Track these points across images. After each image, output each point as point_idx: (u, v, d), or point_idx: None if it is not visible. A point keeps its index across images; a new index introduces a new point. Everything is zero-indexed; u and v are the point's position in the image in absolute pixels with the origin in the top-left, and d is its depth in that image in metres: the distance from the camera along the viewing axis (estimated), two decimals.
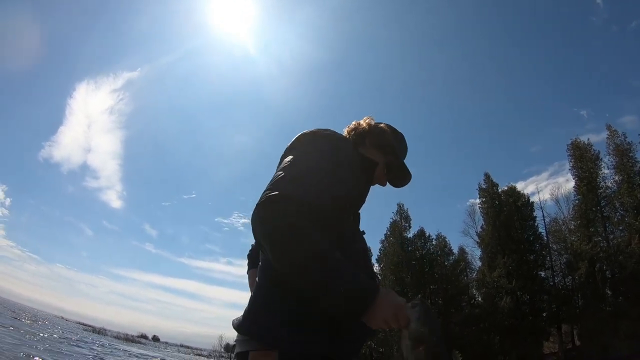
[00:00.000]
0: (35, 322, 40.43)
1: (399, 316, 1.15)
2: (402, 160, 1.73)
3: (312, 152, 1.46)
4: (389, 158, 1.69)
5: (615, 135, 31.19)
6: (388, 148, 1.69)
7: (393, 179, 1.74)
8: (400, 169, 1.72)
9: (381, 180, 1.71)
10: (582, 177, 31.79)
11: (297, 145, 1.53)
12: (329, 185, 1.37)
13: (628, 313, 25.28)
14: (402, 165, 1.71)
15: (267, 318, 1.34)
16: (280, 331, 1.30)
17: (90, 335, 46.34)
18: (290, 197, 1.26)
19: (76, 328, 62.40)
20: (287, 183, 1.32)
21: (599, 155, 31.98)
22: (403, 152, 1.77)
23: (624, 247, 27.79)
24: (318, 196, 1.33)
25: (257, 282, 1.44)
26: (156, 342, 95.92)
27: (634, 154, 29.87)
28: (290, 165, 1.41)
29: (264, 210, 1.25)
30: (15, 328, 20.39)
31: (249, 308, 1.41)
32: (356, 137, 1.69)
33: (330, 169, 1.41)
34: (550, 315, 31.63)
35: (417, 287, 36.46)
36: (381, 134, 1.71)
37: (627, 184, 29.02)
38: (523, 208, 34.78)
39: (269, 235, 1.23)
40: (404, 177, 1.74)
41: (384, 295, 1.17)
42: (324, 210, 1.33)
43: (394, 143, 1.72)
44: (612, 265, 28.52)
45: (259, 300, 1.40)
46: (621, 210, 29.88)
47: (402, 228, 38.75)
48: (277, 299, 1.35)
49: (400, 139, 1.77)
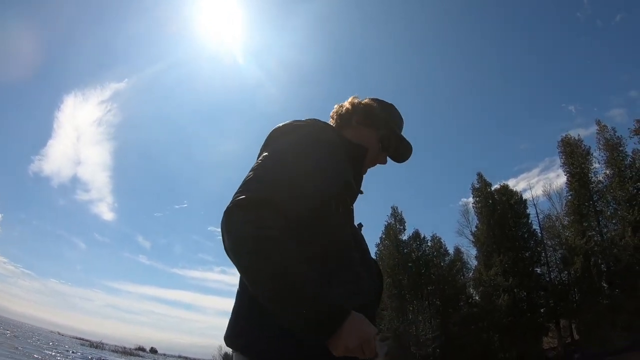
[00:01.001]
0: (30, 338, 39.98)
1: (364, 348, 1.06)
2: (397, 131, 1.60)
3: (286, 148, 1.29)
4: (382, 132, 1.55)
5: (604, 130, 31.55)
6: (379, 122, 1.55)
7: (393, 153, 1.61)
8: (398, 141, 1.59)
9: (380, 159, 1.58)
10: (574, 173, 32.08)
11: (270, 141, 1.39)
12: (307, 183, 1.21)
13: (625, 305, 25.46)
14: (399, 136, 1.59)
15: (249, 330, 1.22)
16: (263, 344, 1.19)
17: (88, 350, 45.86)
18: (259, 202, 1.12)
19: (73, 343, 61.69)
20: (257, 184, 1.18)
21: (589, 151, 32.36)
22: (397, 123, 1.63)
23: (618, 240, 28.05)
24: (293, 197, 1.17)
25: (238, 289, 1.32)
26: (154, 354, 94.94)
27: (624, 147, 30.24)
28: (261, 164, 1.25)
29: (229, 218, 1.12)
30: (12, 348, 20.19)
31: (231, 318, 1.30)
32: (341, 120, 1.55)
33: (309, 164, 1.24)
34: (548, 310, 31.80)
35: (414, 289, 36.56)
36: (368, 109, 1.55)
37: (619, 178, 29.32)
38: (516, 206, 35.03)
39: (232, 249, 1.11)
40: (404, 149, 1.61)
41: (351, 323, 1.06)
42: (302, 213, 1.19)
43: (383, 115, 1.58)
44: (607, 258, 28.76)
45: (240, 312, 1.29)
46: (614, 204, 30.16)
47: (397, 231, 38.86)
48: (256, 310, 1.19)
49: (390, 109, 1.63)
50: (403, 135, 1.61)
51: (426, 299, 36.86)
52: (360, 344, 1.05)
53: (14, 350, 18.80)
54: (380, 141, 1.54)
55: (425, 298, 36.94)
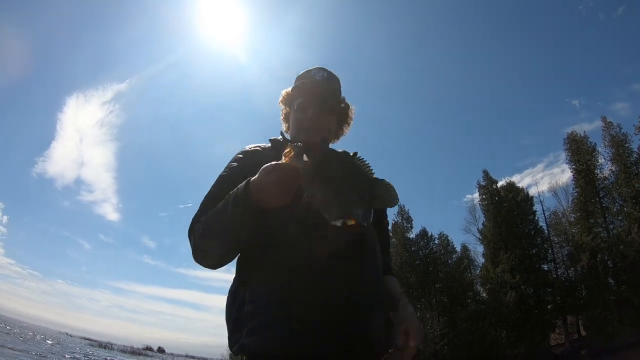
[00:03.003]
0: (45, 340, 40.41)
1: (283, 168, 1.14)
2: (296, 87, 1.65)
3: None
4: (295, 102, 1.63)
5: (610, 127, 31.67)
6: (292, 95, 1.66)
7: (303, 102, 1.61)
8: (299, 91, 1.63)
9: (302, 121, 1.60)
10: (580, 170, 32.22)
11: None
12: (219, 185, 1.48)
13: (631, 301, 25.64)
14: (297, 87, 1.64)
15: (231, 327, 1.35)
16: (241, 337, 1.26)
17: (97, 351, 46.28)
18: (191, 223, 1.42)
19: (82, 344, 62.18)
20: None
21: (595, 147, 32.48)
22: (300, 80, 1.68)
23: (624, 236, 28.19)
24: (208, 198, 1.44)
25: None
26: (162, 353, 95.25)
27: (629, 144, 30.34)
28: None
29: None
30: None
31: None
32: (285, 119, 1.74)
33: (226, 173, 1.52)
34: (555, 307, 31.93)
35: (421, 287, 36.77)
36: (285, 94, 1.70)
37: (625, 174, 29.44)
38: (523, 203, 35.17)
39: (199, 261, 1.39)
40: (309, 83, 1.62)
41: (261, 170, 1.18)
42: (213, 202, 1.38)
43: (295, 86, 1.65)
44: (614, 255, 28.90)
45: (226, 312, 1.42)
46: (620, 201, 30.29)
47: (404, 229, 39.04)
48: (231, 306, 1.37)
49: (303, 75, 1.69)
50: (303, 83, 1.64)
51: (434, 297, 37.11)
52: (277, 171, 1.14)
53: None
54: (298, 106, 1.61)
55: (433, 296, 37.19)
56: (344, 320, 1.21)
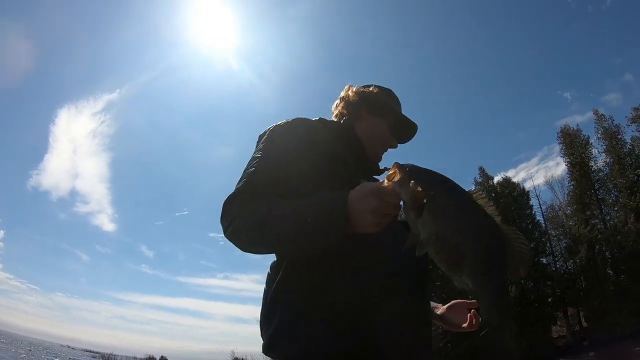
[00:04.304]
0: None
1: (384, 196, 0.98)
2: (401, 115, 1.62)
3: (264, 146, 1.35)
4: (390, 119, 1.58)
5: (602, 119, 31.99)
6: (386, 110, 1.59)
7: (400, 136, 1.63)
8: (404, 123, 1.62)
9: (390, 144, 1.60)
10: (575, 163, 32.50)
11: (256, 146, 1.43)
12: (277, 165, 1.28)
13: (631, 291, 25.80)
14: (404, 118, 1.61)
15: (269, 331, 1.23)
16: (281, 341, 1.18)
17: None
18: (236, 194, 1.24)
19: (85, 356, 61.96)
20: (237, 183, 1.28)
21: (589, 140, 32.81)
22: (399, 107, 1.67)
23: (620, 227, 28.47)
24: (265, 179, 1.26)
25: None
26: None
27: (622, 135, 30.67)
28: (246, 167, 1.34)
29: (220, 220, 1.24)
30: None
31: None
32: (349, 113, 1.58)
33: (282, 154, 1.31)
34: (555, 300, 32.06)
35: None
36: (374, 99, 1.58)
37: (619, 166, 29.75)
38: (519, 198, 35.26)
39: (232, 239, 1.20)
40: (409, 128, 1.64)
41: (354, 192, 1.03)
42: (276, 186, 1.25)
43: (388, 101, 1.63)
44: (611, 245, 29.13)
45: (261, 316, 1.30)
46: (615, 192, 30.62)
47: None
48: (274, 308, 1.23)
49: (391, 94, 1.66)
50: (404, 114, 1.64)
51: (433, 294, 37.14)
52: (377, 197, 0.99)
53: None
54: (391, 128, 1.57)
55: (433, 293, 37.24)
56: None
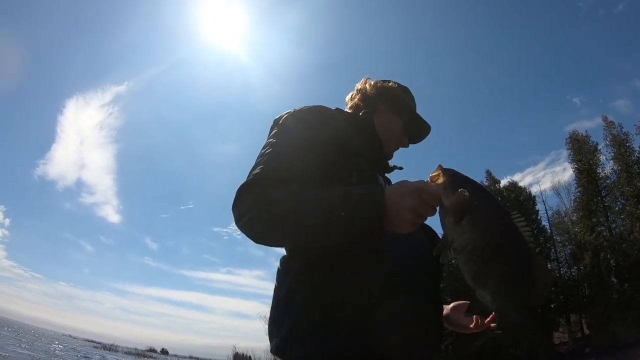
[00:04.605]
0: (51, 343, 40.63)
1: (425, 196, 0.94)
2: (417, 114, 1.61)
3: (281, 132, 1.29)
4: (405, 118, 1.55)
5: (611, 127, 31.87)
6: (404, 108, 1.56)
7: (413, 135, 1.61)
8: (418, 123, 1.61)
9: (403, 143, 1.57)
10: (582, 169, 32.38)
11: (270, 132, 1.36)
12: (297, 154, 1.20)
13: (634, 299, 25.75)
14: (419, 118, 1.60)
15: (282, 332, 1.15)
16: (293, 345, 1.12)
17: (103, 353, 46.51)
18: (253, 181, 1.14)
19: (86, 346, 62.39)
20: (253, 170, 1.18)
21: (597, 147, 32.68)
22: (415, 106, 1.63)
23: (626, 235, 28.35)
24: (284, 167, 1.17)
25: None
26: (165, 355, 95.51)
27: (630, 143, 30.57)
28: (260, 153, 1.25)
29: (233, 207, 1.13)
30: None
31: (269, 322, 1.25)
32: (366, 106, 1.53)
33: (298, 142, 1.23)
34: (558, 306, 31.96)
35: None
36: (393, 95, 1.56)
37: (626, 173, 29.64)
38: (525, 202, 35.17)
39: (248, 227, 1.11)
40: (423, 129, 1.63)
41: (394, 188, 0.99)
42: (299, 175, 1.16)
43: (406, 99, 1.60)
44: (616, 253, 29.06)
45: (272, 313, 1.23)
46: (622, 200, 30.47)
47: None
48: (286, 308, 1.18)
49: (408, 93, 1.63)
50: (418, 114, 1.62)
51: None
52: (418, 196, 0.95)
53: None
54: (406, 127, 1.55)
55: None
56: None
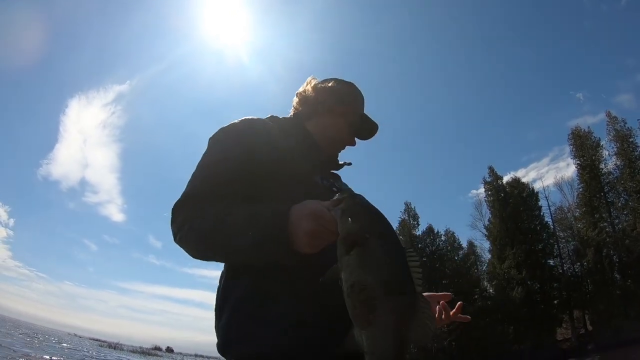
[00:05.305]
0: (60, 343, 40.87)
1: (321, 221, 0.93)
2: (363, 113, 1.58)
3: (207, 150, 1.33)
4: (349, 118, 1.52)
5: (615, 122, 31.84)
6: (347, 107, 1.52)
7: (360, 133, 1.58)
8: (363, 121, 1.58)
9: (349, 141, 1.54)
10: (585, 165, 32.41)
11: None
12: (214, 172, 1.24)
13: (637, 295, 25.83)
14: (363, 116, 1.58)
15: (220, 332, 1.24)
16: (231, 345, 1.19)
17: (109, 352, 46.75)
18: (181, 200, 1.21)
19: (91, 345, 62.72)
20: (186, 187, 1.26)
21: (599, 142, 32.68)
22: (360, 104, 1.60)
23: (629, 231, 28.42)
24: (209, 182, 1.22)
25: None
26: (171, 353, 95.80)
27: (634, 139, 30.54)
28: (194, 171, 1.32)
29: (170, 225, 1.21)
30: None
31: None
32: (307, 109, 1.52)
33: (221, 155, 1.27)
34: (561, 302, 32.14)
35: (428, 284, 36.96)
36: (334, 95, 1.52)
37: (629, 169, 29.61)
38: (528, 199, 35.31)
39: (183, 244, 1.19)
40: (370, 127, 1.60)
41: (297, 209, 0.99)
42: (221, 190, 1.20)
43: (350, 98, 1.55)
44: (619, 249, 29.12)
45: (216, 318, 1.29)
46: (625, 195, 30.48)
47: (410, 226, 39.23)
48: (223, 311, 1.25)
49: (352, 91, 1.58)
50: (366, 114, 1.60)
51: None
52: (315, 221, 0.94)
53: None
54: (351, 126, 1.52)
55: (440, 292, 37.36)
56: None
